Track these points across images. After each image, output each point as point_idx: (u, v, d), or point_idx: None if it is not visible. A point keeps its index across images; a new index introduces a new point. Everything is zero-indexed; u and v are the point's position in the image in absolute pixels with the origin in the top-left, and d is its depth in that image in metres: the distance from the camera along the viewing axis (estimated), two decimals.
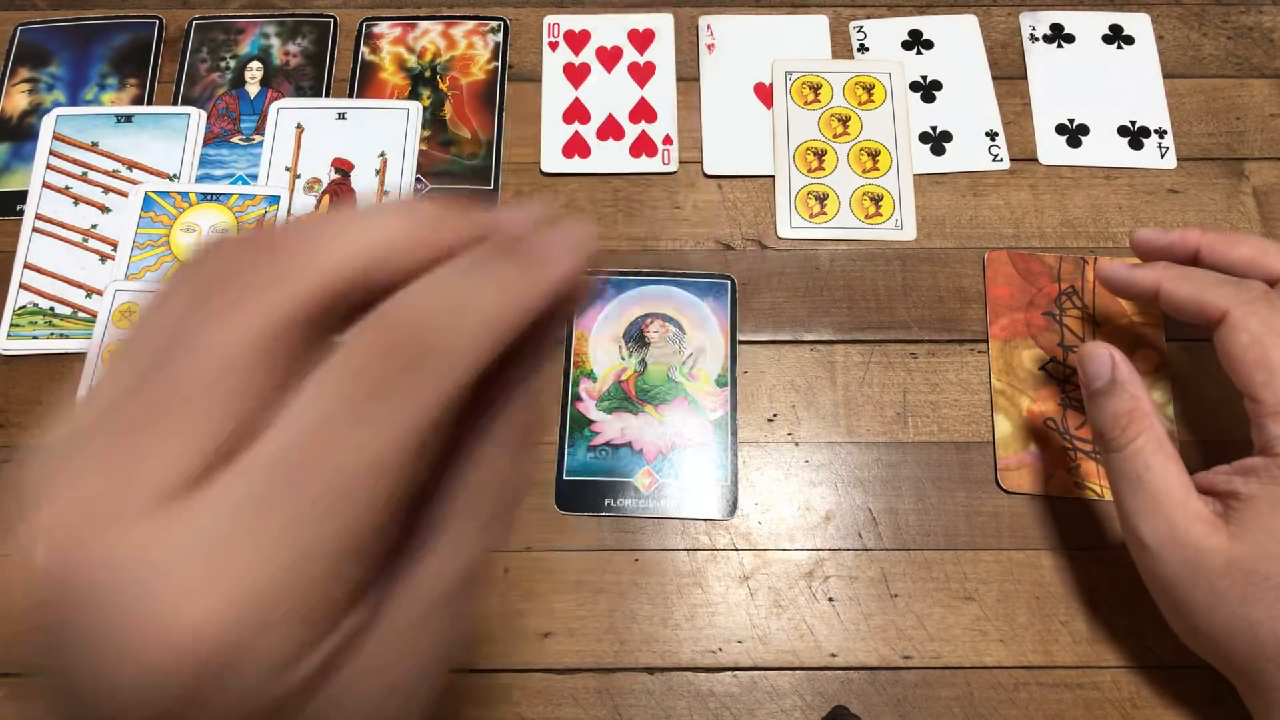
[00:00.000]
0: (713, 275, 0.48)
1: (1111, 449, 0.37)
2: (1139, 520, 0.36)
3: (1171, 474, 0.35)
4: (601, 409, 0.45)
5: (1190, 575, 0.34)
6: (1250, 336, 0.36)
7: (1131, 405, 0.37)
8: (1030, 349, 0.46)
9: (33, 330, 0.47)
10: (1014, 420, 0.45)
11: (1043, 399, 0.45)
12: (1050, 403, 0.45)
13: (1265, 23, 0.54)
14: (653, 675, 0.40)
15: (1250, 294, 0.36)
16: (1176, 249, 0.41)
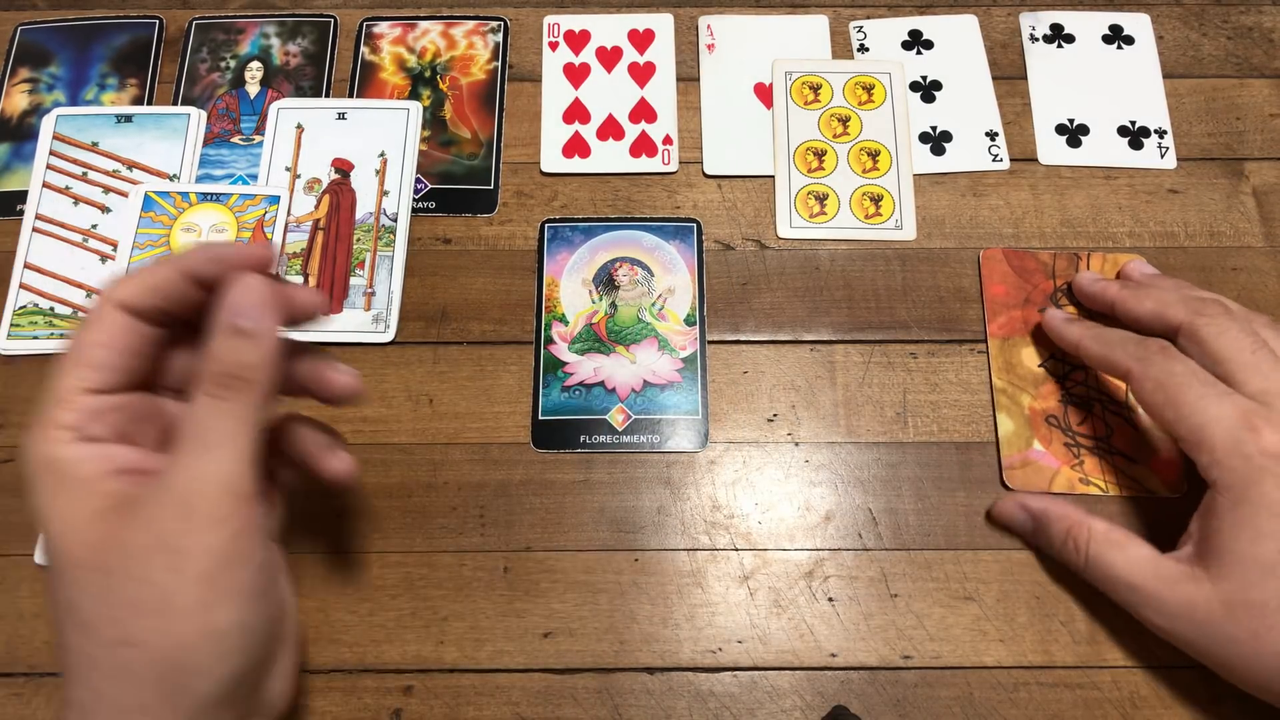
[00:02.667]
0: (679, 219, 0.49)
1: (1078, 570, 0.40)
2: (1140, 610, 0.38)
3: (1133, 558, 0.38)
4: (574, 351, 0.46)
5: (1206, 634, 0.35)
6: (1154, 384, 0.38)
7: (1063, 526, 0.40)
8: (1029, 346, 0.46)
9: (33, 330, 0.47)
10: (1016, 419, 0.45)
11: (1044, 396, 0.45)
12: (1051, 399, 0.45)
13: (1265, 23, 0.54)
14: (653, 675, 0.40)
15: (1146, 351, 0.39)
16: (1098, 301, 0.45)
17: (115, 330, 0.30)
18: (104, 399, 0.30)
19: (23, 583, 0.42)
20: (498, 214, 0.50)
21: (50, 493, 0.29)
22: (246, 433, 0.30)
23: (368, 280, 0.48)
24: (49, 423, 0.30)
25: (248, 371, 0.30)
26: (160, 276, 0.31)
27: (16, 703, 0.40)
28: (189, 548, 0.28)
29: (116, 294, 0.31)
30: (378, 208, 0.49)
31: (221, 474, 0.29)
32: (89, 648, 0.28)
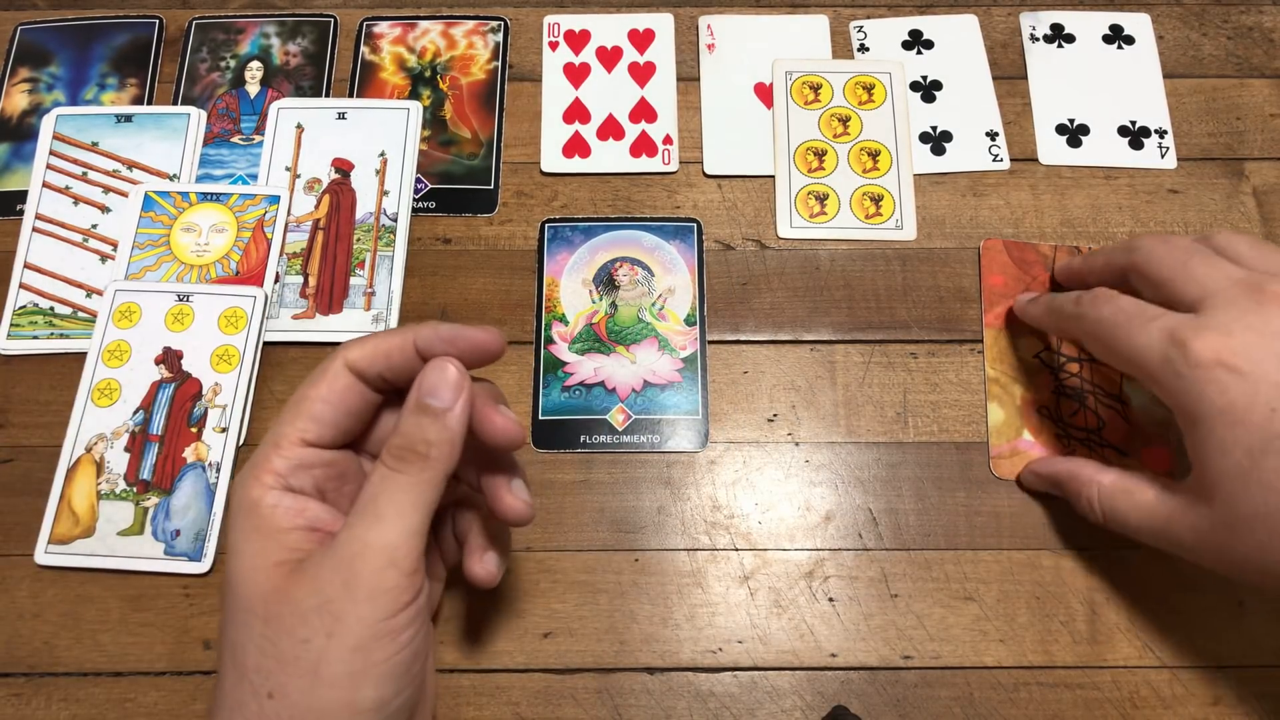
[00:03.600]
0: (679, 219, 0.49)
1: (1099, 526, 0.40)
2: (1168, 550, 0.37)
3: (1141, 504, 0.37)
4: (574, 351, 0.46)
5: (1227, 556, 0.34)
6: (1091, 335, 0.38)
7: (1074, 487, 0.40)
8: (1024, 337, 0.46)
9: (33, 330, 0.47)
10: (1008, 408, 0.45)
11: (1037, 387, 0.45)
12: (1044, 391, 0.45)
13: (1265, 23, 0.54)
14: (653, 675, 0.40)
15: (1081, 306, 0.39)
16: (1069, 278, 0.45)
17: (339, 388, 0.32)
18: (315, 453, 0.32)
19: (23, 583, 0.42)
20: (498, 214, 0.50)
21: (243, 534, 0.30)
22: (418, 507, 0.30)
23: (368, 280, 0.48)
24: (262, 465, 0.31)
25: (426, 447, 0.30)
26: (391, 344, 0.32)
27: (16, 703, 0.40)
28: (346, 615, 0.28)
29: (349, 354, 0.32)
30: (378, 208, 0.49)
31: (387, 546, 0.29)
32: (240, 692, 0.29)
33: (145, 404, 0.45)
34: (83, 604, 0.42)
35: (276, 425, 0.32)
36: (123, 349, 0.46)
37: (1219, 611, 0.41)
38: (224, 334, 0.46)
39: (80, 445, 0.44)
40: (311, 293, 0.48)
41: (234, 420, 0.44)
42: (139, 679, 0.40)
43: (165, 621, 0.41)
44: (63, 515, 0.43)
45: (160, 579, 0.42)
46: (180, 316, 0.46)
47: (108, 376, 0.45)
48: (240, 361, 0.45)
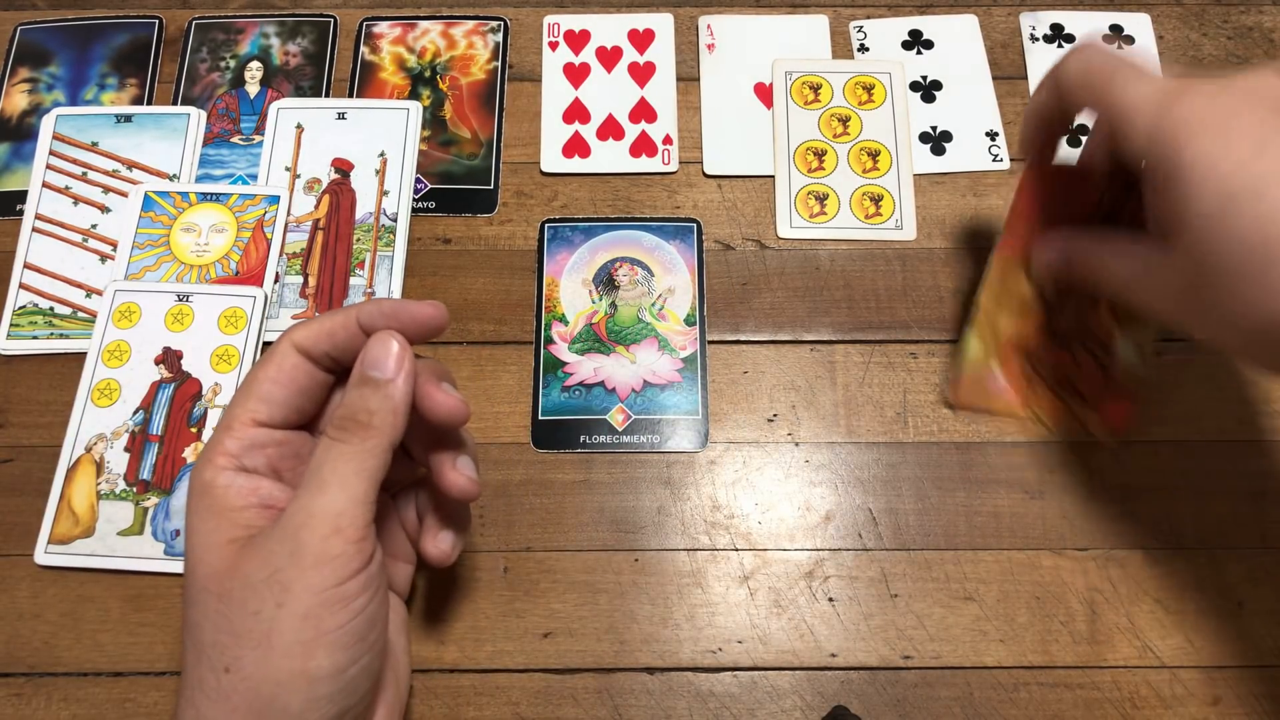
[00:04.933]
0: (679, 219, 0.49)
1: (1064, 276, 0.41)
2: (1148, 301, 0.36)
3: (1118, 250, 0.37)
4: (574, 351, 0.46)
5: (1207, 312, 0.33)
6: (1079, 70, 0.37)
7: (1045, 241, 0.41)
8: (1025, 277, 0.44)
9: (32, 330, 0.47)
10: (986, 341, 0.44)
11: (1022, 325, 0.44)
12: (1029, 328, 0.44)
13: (1265, 23, 0.54)
14: (653, 675, 0.40)
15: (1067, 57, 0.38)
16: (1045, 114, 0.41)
17: (287, 367, 0.32)
18: (267, 432, 0.32)
19: (22, 582, 0.42)
20: (497, 214, 0.50)
21: (199, 515, 0.31)
22: (361, 475, 0.30)
23: (367, 280, 0.48)
24: (215, 448, 0.31)
25: (369, 416, 0.31)
26: (335, 323, 0.33)
27: (16, 703, 0.40)
28: (293, 584, 0.28)
29: (295, 335, 0.33)
30: (377, 207, 0.49)
31: (331, 514, 0.29)
32: (199, 669, 0.29)
33: (145, 404, 0.45)
34: (83, 604, 0.42)
35: (229, 408, 0.32)
36: (122, 349, 0.46)
37: (1219, 611, 0.41)
38: (224, 334, 0.46)
39: (80, 445, 0.44)
40: (311, 293, 0.48)
41: None
42: (139, 679, 0.40)
43: (165, 621, 0.41)
44: (63, 515, 0.43)
45: (160, 579, 0.42)
46: (180, 316, 0.46)
47: (107, 376, 0.45)
48: (240, 362, 0.45)
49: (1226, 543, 0.42)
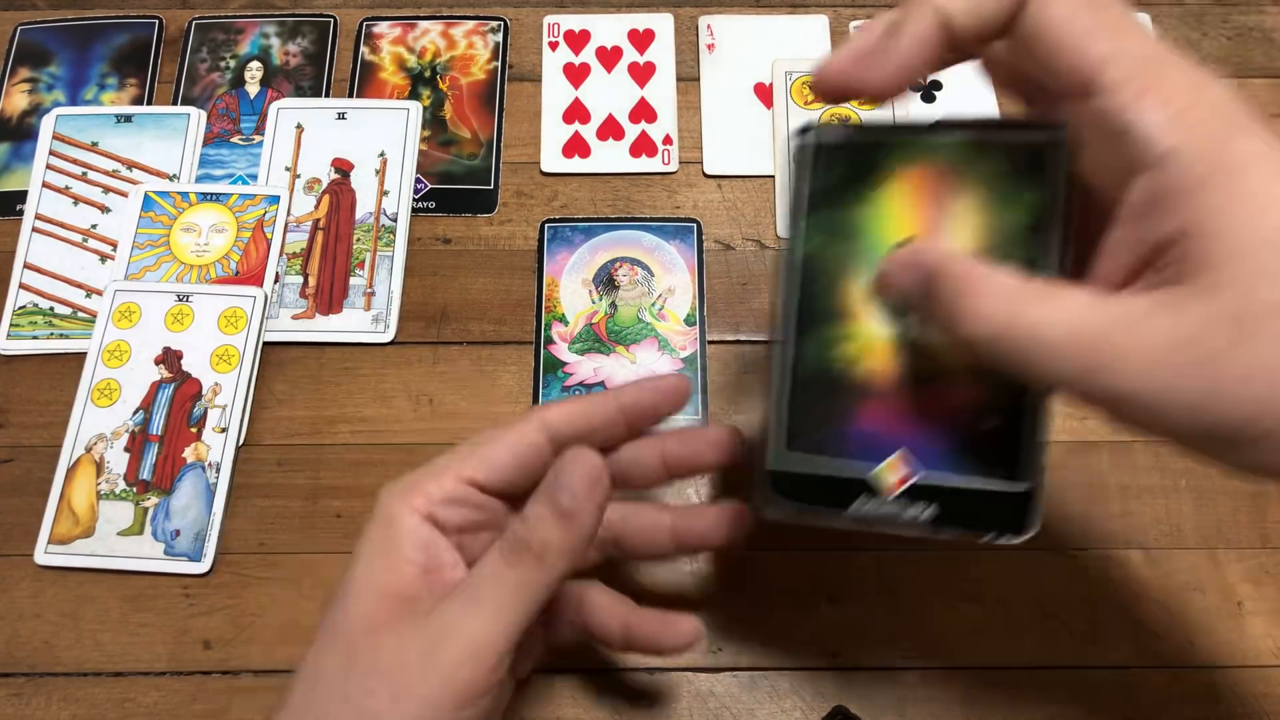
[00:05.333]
0: (679, 219, 0.49)
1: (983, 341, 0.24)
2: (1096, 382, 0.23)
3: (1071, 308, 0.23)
4: (574, 351, 0.46)
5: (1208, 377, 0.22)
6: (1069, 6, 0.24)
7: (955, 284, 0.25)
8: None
9: (32, 330, 0.47)
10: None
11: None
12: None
13: (1266, 23, 0.54)
14: (652, 675, 0.40)
15: None
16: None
17: (526, 442, 0.31)
18: (474, 492, 0.31)
19: (23, 582, 0.42)
20: (497, 214, 0.50)
21: (371, 544, 0.30)
22: (518, 608, 0.28)
23: (367, 280, 0.48)
24: (416, 488, 0.30)
25: (544, 550, 0.29)
26: (594, 410, 0.32)
27: (16, 703, 0.40)
28: (414, 689, 0.28)
29: (548, 415, 0.32)
30: (377, 208, 0.49)
31: (475, 639, 0.28)
32: (299, 701, 0.29)
33: (145, 404, 0.45)
34: (83, 604, 0.42)
35: (447, 456, 0.31)
36: (122, 349, 0.46)
37: (1219, 611, 0.41)
38: (224, 334, 0.46)
39: (80, 445, 0.44)
40: (311, 293, 0.48)
41: (234, 420, 0.44)
42: (139, 679, 0.40)
43: (165, 622, 0.41)
44: (62, 515, 0.43)
45: (160, 579, 0.42)
46: (180, 316, 0.46)
47: (107, 376, 0.45)
48: (240, 361, 0.45)
49: (1226, 543, 0.42)
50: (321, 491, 0.44)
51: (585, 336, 0.47)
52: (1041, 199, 0.27)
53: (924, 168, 0.28)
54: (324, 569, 0.42)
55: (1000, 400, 0.27)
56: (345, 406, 0.45)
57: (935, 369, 0.28)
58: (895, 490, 0.28)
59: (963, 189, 0.28)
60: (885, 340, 0.29)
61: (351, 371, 0.46)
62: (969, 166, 0.28)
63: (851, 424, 0.28)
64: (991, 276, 0.25)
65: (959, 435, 0.28)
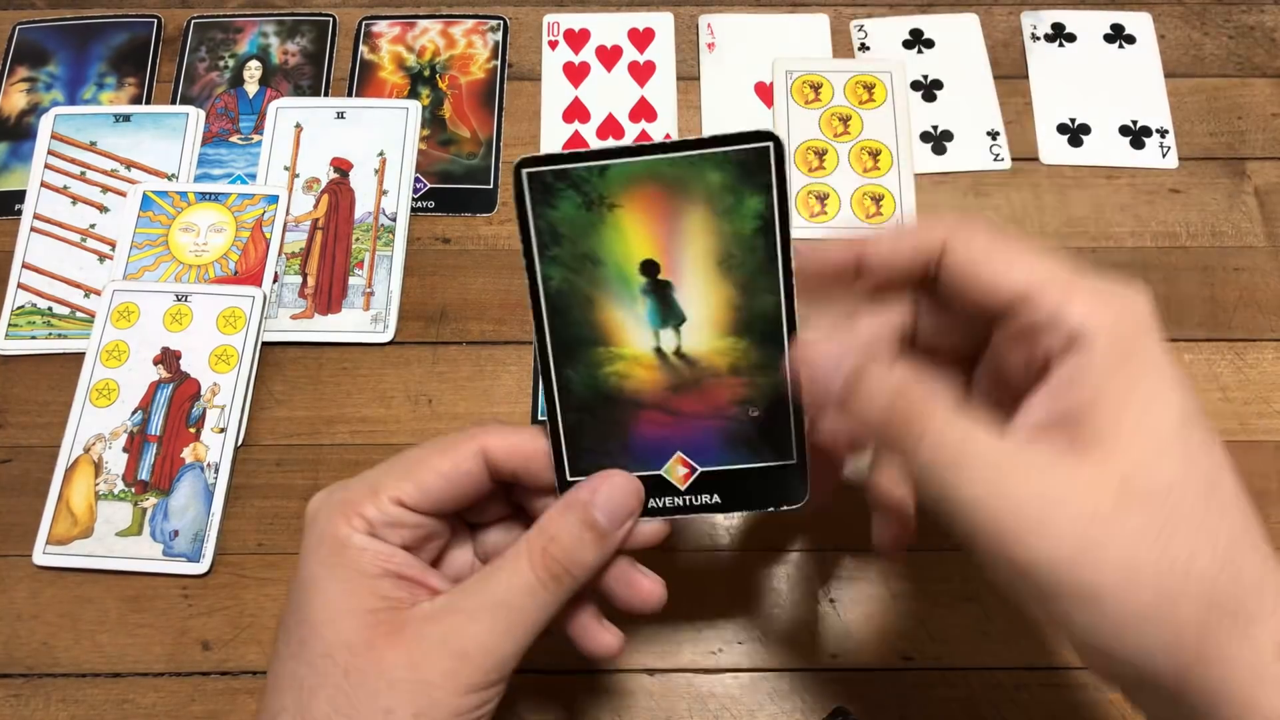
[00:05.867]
0: None
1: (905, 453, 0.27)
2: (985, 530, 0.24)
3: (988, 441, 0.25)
4: None
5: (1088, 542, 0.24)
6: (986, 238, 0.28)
7: (888, 390, 0.27)
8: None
9: (31, 330, 0.47)
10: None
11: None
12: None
13: (1267, 22, 0.54)
14: (653, 676, 0.40)
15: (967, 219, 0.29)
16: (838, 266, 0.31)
17: (462, 470, 0.30)
18: (409, 514, 0.30)
19: (21, 583, 0.42)
20: (497, 213, 0.50)
21: (328, 569, 0.29)
22: (544, 619, 0.29)
23: (366, 280, 0.48)
24: (353, 506, 0.30)
25: (579, 570, 0.29)
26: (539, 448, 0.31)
27: (15, 703, 0.40)
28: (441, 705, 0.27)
29: (488, 440, 0.31)
30: (376, 207, 0.49)
31: (503, 652, 0.28)
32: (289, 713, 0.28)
33: (144, 404, 0.45)
34: (81, 604, 0.42)
35: (380, 473, 0.31)
36: (121, 349, 0.46)
37: None
38: (222, 334, 0.46)
39: (78, 445, 0.44)
40: (310, 292, 0.48)
41: (232, 421, 0.44)
42: (137, 680, 0.40)
43: (164, 622, 0.41)
44: (61, 516, 0.43)
45: (159, 579, 0.42)
46: (179, 316, 0.46)
47: (106, 377, 0.45)
48: (239, 361, 0.45)
49: None
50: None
51: None
52: (762, 204, 0.29)
53: (644, 188, 0.29)
54: None
55: (759, 392, 0.30)
56: (344, 407, 0.45)
57: (697, 374, 0.30)
58: (683, 484, 0.31)
59: (686, 204, 0.29)
60: (646, 355, 0.30)
61: (350, 372, 0.46)
62: (688, 182, 0.29)
63: (629, 436, 0.31)
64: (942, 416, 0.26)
65: (728, 427, 0.31)
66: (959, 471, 0.25)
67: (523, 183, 0.29)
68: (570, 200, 0.29)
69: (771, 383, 0.30)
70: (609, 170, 0.29)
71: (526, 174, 0.29)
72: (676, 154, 0.28)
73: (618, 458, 0.31)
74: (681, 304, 0.30)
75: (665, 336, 0.30)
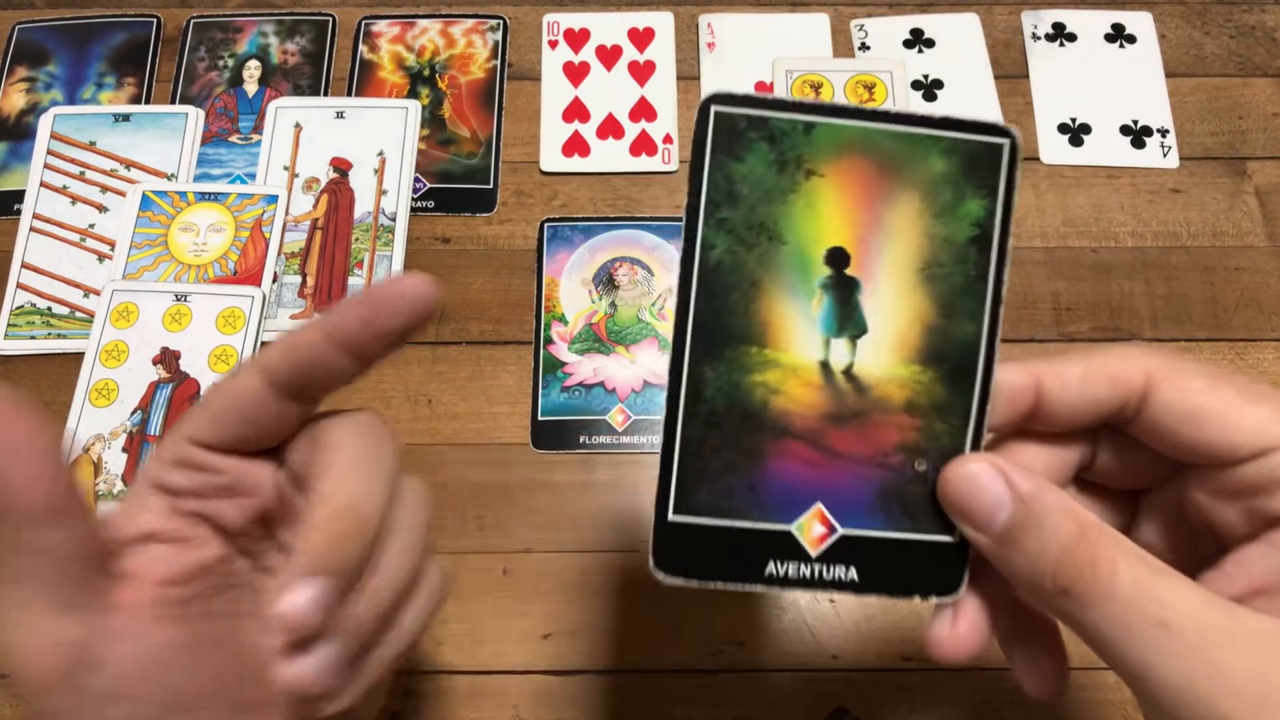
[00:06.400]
0: (678, 218, 0.49)
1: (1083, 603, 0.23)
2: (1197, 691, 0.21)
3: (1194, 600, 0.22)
4: (574, 351, 0.46)
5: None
6: (1204, 380, 0.24)
7: (1072, 527, 0.23)
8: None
9: (30, 330, 0.47)
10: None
11: None
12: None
13: (1268, 21, 0.54)
14: (652, 677, 0.40)
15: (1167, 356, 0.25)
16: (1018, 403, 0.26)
17: (244, 395, 0.26)
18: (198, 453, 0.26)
19: None
20: (497, 213, 0.50)
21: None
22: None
23: (366, 280, 0.48)
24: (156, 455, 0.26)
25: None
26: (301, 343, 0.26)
27: (16, 703, 0.40)
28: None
29: (265, 359, 0.26)
30: (376, 207, 0.49)
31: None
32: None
33: (143, 404, 0.45)
34: None
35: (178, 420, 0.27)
36: (120, 349, 0.46)
37: None
38: (222, 334, 0.46)
39: (78, 446, 0.44)
40: (310, 292, 0.48)
41: None
42: None
43: None
44: None
45: None
46: (178, 316, 0.46)
47: (105, 377, 0.45)
48: (238, 361, 0.45)
49: None
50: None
51: (585, 336, 0.46)
52: (984, 210, 0.24)
53: (852, 159, 0.24)
54: None
55: (934, 441, 0.24)
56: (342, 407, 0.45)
57: (865, 404, 0.24)
58: (815, 549, 0.24)
59: (897, 190, 0.24)
60: (808, 368, 0.24)
61: None
62: (905, 164, 0.24)
63: (762, 471, 0.24)
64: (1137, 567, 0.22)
65: (887, 481, 0.24)
66: (1159, 638, 0.21)
67: (707, 122, 0.24)
68: (761, 155, 0.24)
69: (951, 431, 0.24)
70: (816, 129, 0.24)
71: (715, 112, 0.24)
72: (900, 126, 0.24)
73: (740, 497, 0.24)
74: (865, 311, 0.24)
75: (836, 349, 0.24)
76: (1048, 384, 0.25)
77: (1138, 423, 0.25)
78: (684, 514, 0.24)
